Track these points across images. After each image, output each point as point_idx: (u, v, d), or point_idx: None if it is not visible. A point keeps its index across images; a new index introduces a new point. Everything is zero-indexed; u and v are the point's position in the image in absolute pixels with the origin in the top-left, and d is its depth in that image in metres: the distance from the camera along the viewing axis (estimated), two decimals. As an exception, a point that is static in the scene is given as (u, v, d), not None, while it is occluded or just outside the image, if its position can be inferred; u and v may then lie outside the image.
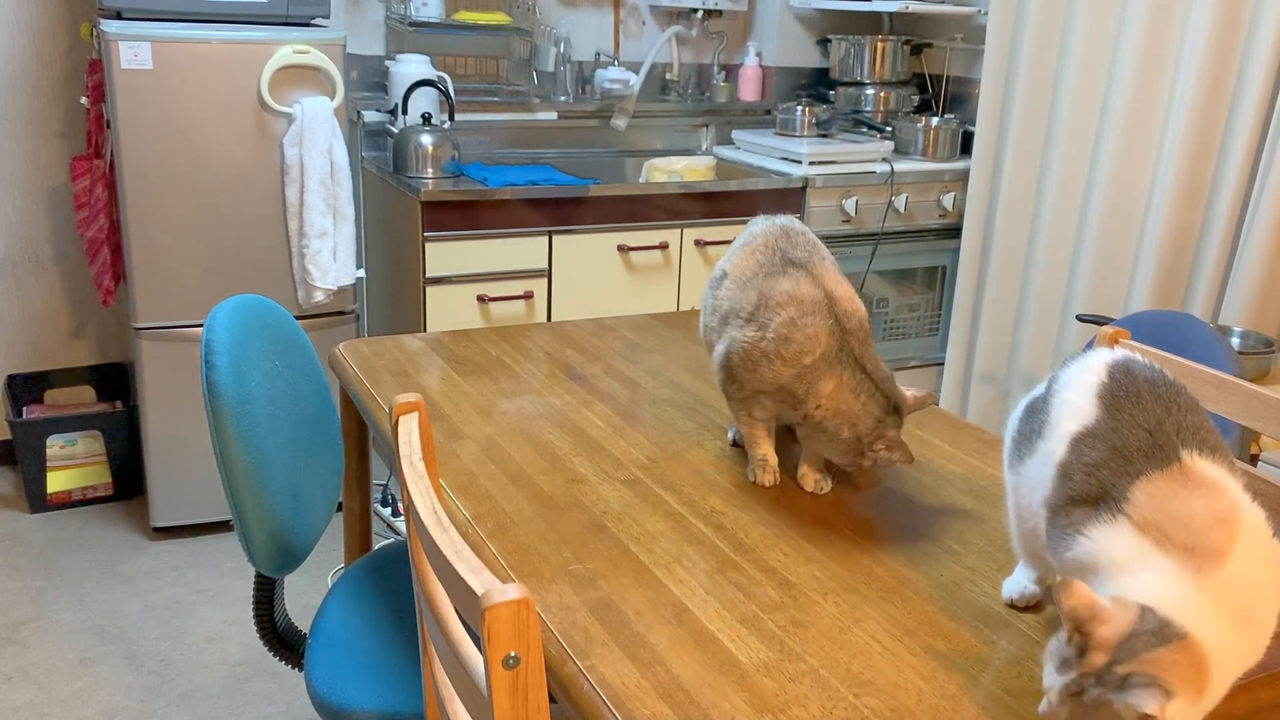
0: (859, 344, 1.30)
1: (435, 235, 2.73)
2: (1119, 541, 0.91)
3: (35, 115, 2.96)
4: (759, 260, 1.36)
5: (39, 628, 2.45)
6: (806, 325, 1.28)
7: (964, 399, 3.47)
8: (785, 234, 1.39)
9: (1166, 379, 0.98)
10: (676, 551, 1.19)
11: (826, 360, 1.28)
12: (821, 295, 1.30)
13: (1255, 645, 0.88)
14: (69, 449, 2.95)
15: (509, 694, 0.76)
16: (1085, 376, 1.00)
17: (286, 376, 1.60)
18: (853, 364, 1.28)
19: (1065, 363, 1.06)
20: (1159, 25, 2.80)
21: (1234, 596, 0.87)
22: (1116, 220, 2.96)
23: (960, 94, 3.61)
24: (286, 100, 2.64)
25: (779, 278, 1.32)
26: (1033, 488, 1.02)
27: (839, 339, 1.28)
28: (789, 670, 0.99)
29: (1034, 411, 1.05)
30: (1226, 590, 0.87)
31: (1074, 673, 0.86)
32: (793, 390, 1.30)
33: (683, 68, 3.62)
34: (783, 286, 1.31)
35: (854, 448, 1.30)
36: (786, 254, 1.35)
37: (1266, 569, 0.89)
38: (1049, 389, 1.04)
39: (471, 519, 1.24)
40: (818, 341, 1.28)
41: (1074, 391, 0.99)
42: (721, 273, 1.42)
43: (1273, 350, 2.50)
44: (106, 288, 2.82)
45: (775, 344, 1.29)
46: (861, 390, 1.28)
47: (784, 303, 1.30)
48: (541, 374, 1.72)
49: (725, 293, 1.39)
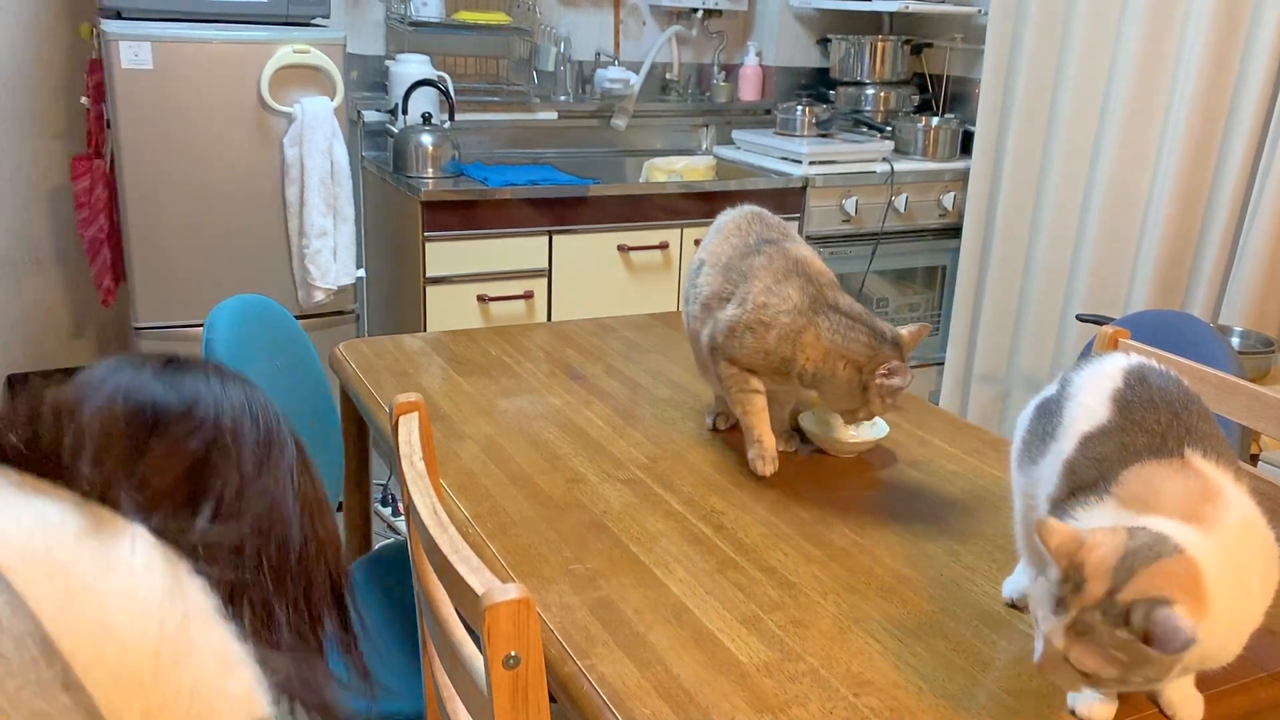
0: (832, 293, 1.37)
1: (435, 235, 2.73)
2: (1101, 517, 0.91)
3: (35, 115, 2.96)
4: (733, 244, 1.44)
5: (39, 628, 2.44)
6: (779, 289, 1.36)
7: (964, 399, 3.47)
8: (757, 218, 1.47)
9: (1182, 387, 0.98)
10: (676, 551, 1.19)
11: (802, 312, 1.35)
12: (792, 262, 1.38)
13: (1244, 612, 0.86)
14: (69, 449, 2.94)
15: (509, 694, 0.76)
16: (1101, 381, 1.00)
17: (286, 376, 1.60)
18: (827, 308, 1.35)
19: (1078, 365, 1.05)
20: (1159, 25, 2.80)
21: (1224, 554, 0.86)
22: (1116, 220, 2.96)
23: (960, 94, 3.61)
24: (286, 100, 2.64)
25: (753, 256, 1.40)
26: (1042, 489, 1.02)
27: (811, 294, 1.35)
28: (789, 670, 0.99)
29: (1045, 413, 1.05)
30: (1220, 544, 0.86)
31: (1073, 610, 0.85)
32: (780, 353, 1.36)
33: (683, 67, 3.62)
34: (757, 262, 1.39)
35: (856, 384, 1.34)
36: (760, 235, 1.43)
37: (1258, 550, 0.88)
38: (1062, 391, 1.04)
39: (471, 519, 1.24)
40: (790, 299, 1.35)
41: (1089, 395, 0.99)
42: (699, 261, 1.49)
43: (1273, 350, 2.50)
44: (106, 288, 2.82)
45: (754, 312, 1.36)
46: (841, 326, 1.34)
47: (758, 275, 1.38)
48: (541, 374, 1.72)
49: (704, 279, 1.45)
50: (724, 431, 1.53)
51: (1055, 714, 0.94)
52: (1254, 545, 0.88)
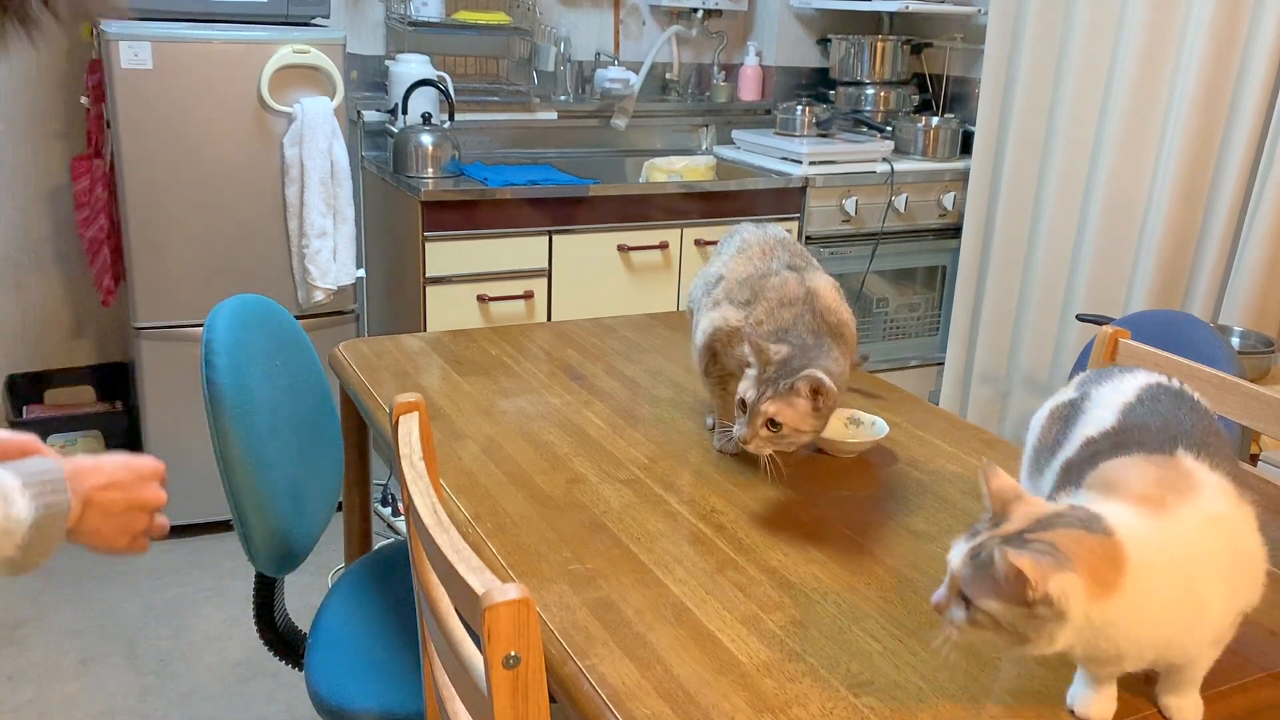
0: (831, 337, 1.34)
1: (435, 235, 2.73)
2: (1068, 499, 0.91)
3: (35, 115, 2.96)
4: (756, 265, 1.43)
5: (39, 628, 2.45)
6: (779, 314, 1.36)
7: (964, 399, 3.47)
8: (782, 244, 1.47)
9: (1196, 402, 0.97)
10: (676, 551, 1.19)
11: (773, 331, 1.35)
12: (805, 291, 1.37)
13: (1184, 607, 0.85)
14: (69, 449, 2.95)
15: (509, 694, 0.76)
16: (1116, 397, 1.00)
17: (286, 376, 1.60)
18: (792, 331, 1.33)
19: (1099, 377, 1.05)
20: (1159, 25, 2.80)
21: (1174, 542, 0.85)
22: (1116, 220, 2.96)
23: (960, 94, 3.61)
24: (286, 100, 2.64)
25: (772, 277, 1.40)
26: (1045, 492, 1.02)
27: (812, 325, 1.34)
28: (789, 670, 0.99)
29: (1057, 419, 1.05)
30: (1167, 533, 0.85)
31: (981, 538, 0.85)
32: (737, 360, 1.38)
33: (683, 67, 3.62)
34: (773, 282, 1.39)
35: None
36: (785, 261, 1.43)
37: (1222, 548, 0.86)
38: (1077, 403, 1.04)
39: (471, 519, 1.24)
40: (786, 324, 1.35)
41: (1103, 409, 1.00)
42: (718, 276, 1.45)
43: (1273, 350, 2.50)
44: (106, 288, 2.82)
45: (751, 328, 1.36)
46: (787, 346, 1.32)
47: (769, 295, 1.38)
48: (541, 374, 1.72)
49: (722, 292, 1.44)
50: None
51: (1055, 714, 0.94)
52: (1219, 543, 0.86)
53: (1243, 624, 0.90)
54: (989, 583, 0.83)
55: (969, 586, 0.84)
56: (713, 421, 1.54)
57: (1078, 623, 0.82)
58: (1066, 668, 1.00)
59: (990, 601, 0.83)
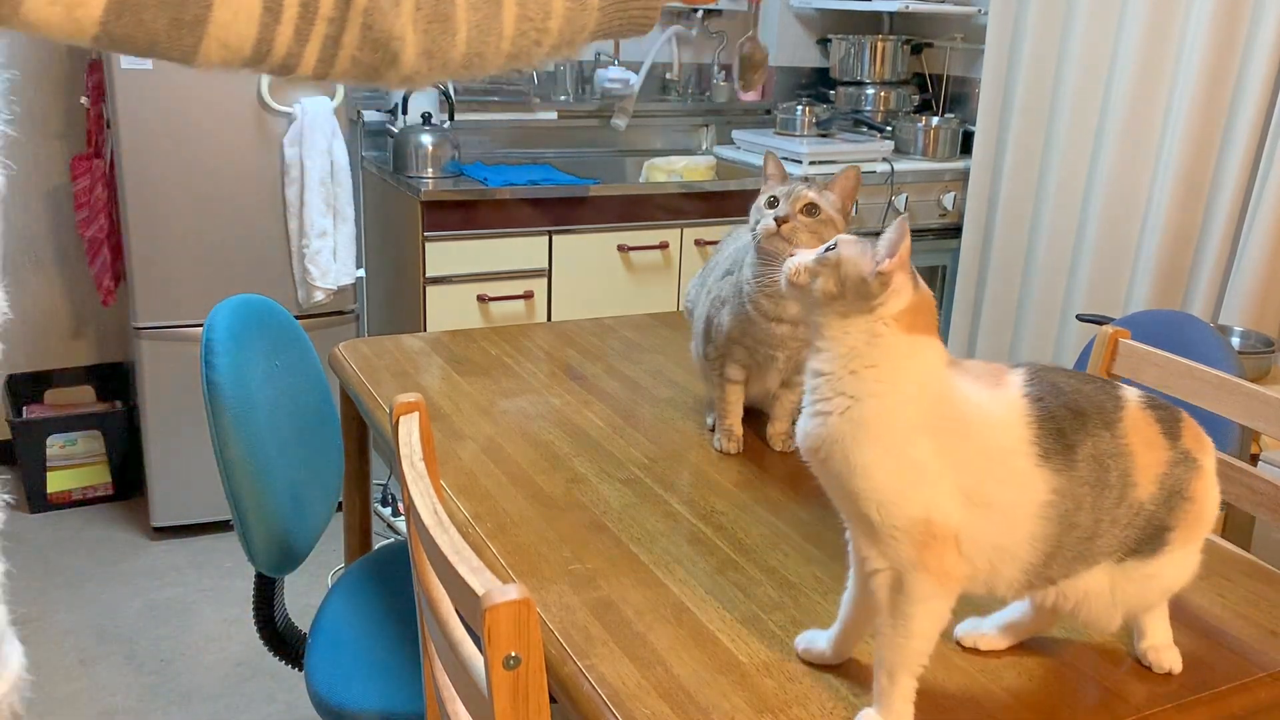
0: None
1: (435, 235, 2.73)
2: None
3: (35, 115, 2.96)
4: None
5: (39, 628, 2.45)
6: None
7: (964, 399, 3.47)
8: None
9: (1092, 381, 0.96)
10: (676, 551, 1.19)
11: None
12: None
13: (913, 449, 0.85)
14: (69, 449, 2.95)
15: (509, 694, 0.76)
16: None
17: (286, 376, 1.60)
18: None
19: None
20: (1159, 25, 2.80)
21: (950, 388, 0.88)
22: (1116, 220, 2.96)
23: (960, 94, 3.61)
24: (286, 100, 2.64)
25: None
26: None
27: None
28: (789, 670, 0.99)
29: None
30: (951, 380, 0.89)
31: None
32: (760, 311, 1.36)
33: (683, 67, 3.62)
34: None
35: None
36: None
37: (965, 427, 0.87)
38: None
39: (471, 519, 1.24)
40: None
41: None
42: (723, 270, 1.45)
43: (1273, 350, 2.50)
44: (106, 288, 2.82)
45: (752, 288, 1.36)
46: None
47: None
48: (541, 374, 1.72)
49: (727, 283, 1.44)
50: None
51: (1056, 713, 0.94)
52: (968, 426, 0.88)
53: (1243, 624, 0.90)
54: (859, 248, 0.90)
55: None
56: (713, 421, 1.54)
57: (874, 330, 0.87)
58: (1067, 670, 1.00)
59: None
